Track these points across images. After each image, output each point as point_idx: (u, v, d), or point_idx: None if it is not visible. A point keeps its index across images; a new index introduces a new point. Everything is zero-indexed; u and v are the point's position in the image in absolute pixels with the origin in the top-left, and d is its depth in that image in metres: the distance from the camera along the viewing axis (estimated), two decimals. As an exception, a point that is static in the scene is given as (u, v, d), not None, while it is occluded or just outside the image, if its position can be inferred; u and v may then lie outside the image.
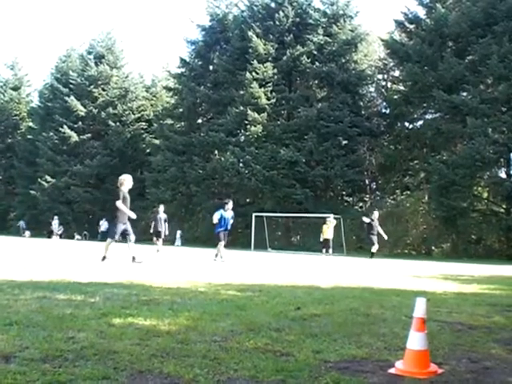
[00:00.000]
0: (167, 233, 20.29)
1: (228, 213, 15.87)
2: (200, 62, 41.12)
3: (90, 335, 3.90)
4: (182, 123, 41.36)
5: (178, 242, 36.89)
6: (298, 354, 3.63)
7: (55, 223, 42.31)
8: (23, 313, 4.75)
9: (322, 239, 27.26)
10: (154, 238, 20.37)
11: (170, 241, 38.43)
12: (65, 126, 44.91)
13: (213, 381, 2.98)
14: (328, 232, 26.59)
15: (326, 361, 3.49)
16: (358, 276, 11.55)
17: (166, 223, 20.14)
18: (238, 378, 3.06)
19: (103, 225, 41.28)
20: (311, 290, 7.89)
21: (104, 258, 11.56)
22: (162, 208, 20.69)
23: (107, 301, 5.72)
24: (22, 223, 49.17)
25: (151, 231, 20.58)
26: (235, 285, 8.12)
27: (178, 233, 37.60)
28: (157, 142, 42.24)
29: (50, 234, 41.31)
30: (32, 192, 45.35)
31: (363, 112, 36.81)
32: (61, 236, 41.39)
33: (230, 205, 16.01)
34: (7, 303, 5.27)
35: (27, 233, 42.92)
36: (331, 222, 25.48)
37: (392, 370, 3.36)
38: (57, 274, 8.49)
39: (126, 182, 12.01)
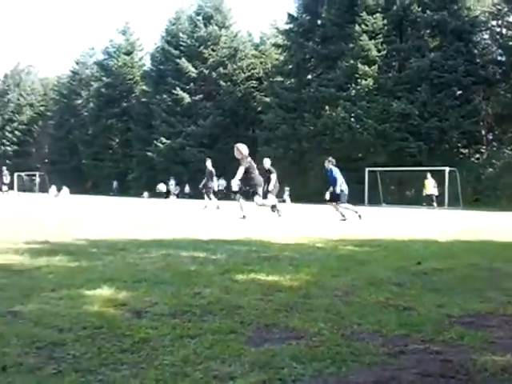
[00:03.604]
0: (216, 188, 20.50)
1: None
2: (308, 17, 43.17)
3: (215, 291, 4.24)
4: (292, 80, 43.77)
5: (287, 198, 38.96)
6: (420, 308, 3.83)
7: (172, 183, 46.67)
8: (150, 270, 5.16)
9: (424, 194, 30.69)
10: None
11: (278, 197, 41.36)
12: (177, 88, 49.05)
13: (337, 335, 3.14)
14: (430, 187, 29.87)
15: (449, 315, 3.66)
16: (474, 229, 11.86)
17: (214, 177, 21.19)
18: (361, 332, 3.22)
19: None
20: (429, 244, 8.31)
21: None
22: (209, 162, 21.83)
23: (229, 257, 6.21)
24: (115, 183, 55.25)
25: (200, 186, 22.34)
26: (352, 240, 8.62)
27: (287, 190, 39.91)
28: (267, 99, 45.13)
29: (167, 194, 44.51)
30: (148, 154, 49.73)
31: (478, 60, 37.52)
32: (178, 196, 45.49)
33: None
34: (133, 261, 5.76)
35: (145, 193, 47.96)
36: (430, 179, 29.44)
37: (518, 325, 3.47)
38: (178, 233, 9.10)
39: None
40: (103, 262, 5.69)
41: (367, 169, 35.40)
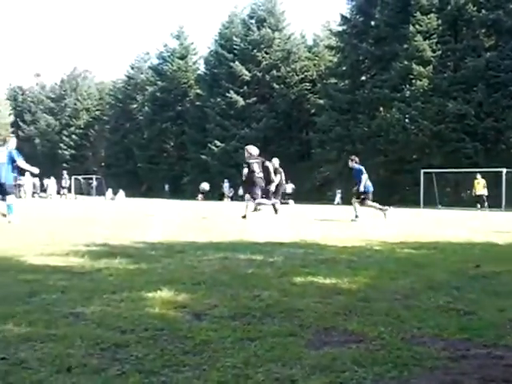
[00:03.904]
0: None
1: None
2: (361, 18, 43.28)
3: (273, 293, 4.25)
4: (346, 81, 44.02)
5: (339, 200, 39.97)
6: (481, 312, 3.78)
7: (226, 186, 47.63)
8: (208, 273, 5.23)
9: (474, 194, 30.10)
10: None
11: (331, 200, 41.84)
12: (231, 91, 49.82)
13: (398, 339, 3.12)
14: (479, 188, 29.49)
15: (510, 319, 3.60)
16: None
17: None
18: (422, 336, 3.20)
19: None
20: (486, 246, 8.28)
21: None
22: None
23: (286, 260, 6.24)
24: (166, 186, 55.92)
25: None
26: (409, 242, 8.56)
27: (338, 192, 40.99)
28: (321, 101, 45.40)
29: (221, 197, 46.16)
30: (203, 157, 50.58)
31: (534, 59, 36.75)
32: (232, 198, 46.00)
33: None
34: (192, 264, 5.81)
35: (200, 196, 48.99)
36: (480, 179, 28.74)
37: None
38: (234, 235, 9.18)
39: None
40: (162, 265, 5.73)
41: (422, 170, 34.97)
